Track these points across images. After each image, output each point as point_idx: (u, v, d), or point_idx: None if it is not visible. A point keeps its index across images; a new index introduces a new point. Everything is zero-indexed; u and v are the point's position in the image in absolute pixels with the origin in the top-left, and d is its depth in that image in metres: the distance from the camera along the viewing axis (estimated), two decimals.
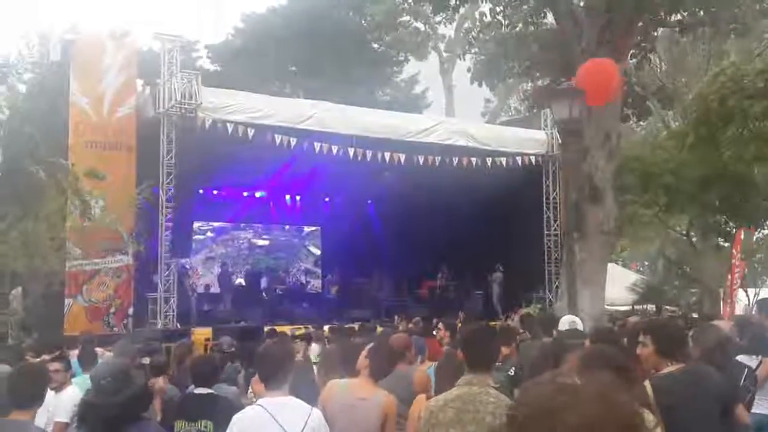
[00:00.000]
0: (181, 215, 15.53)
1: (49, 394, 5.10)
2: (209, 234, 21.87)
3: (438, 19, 19.33)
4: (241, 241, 22.42)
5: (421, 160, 16.91)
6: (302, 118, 15.84)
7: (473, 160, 17.47)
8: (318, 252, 23.81)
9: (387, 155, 16.56)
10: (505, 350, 6.74)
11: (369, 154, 16.41)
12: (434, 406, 4.09)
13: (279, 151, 15.81)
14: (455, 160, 17.27)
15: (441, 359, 5.57)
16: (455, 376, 4.29)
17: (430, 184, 18.11)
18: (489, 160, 17.60)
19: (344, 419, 4.75)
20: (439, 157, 17.06)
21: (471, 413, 3.91)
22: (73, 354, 8.13)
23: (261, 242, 22.57)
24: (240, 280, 21.85)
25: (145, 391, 4.58)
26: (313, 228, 23.40)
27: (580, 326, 7.22)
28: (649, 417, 3.22)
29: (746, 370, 6.32)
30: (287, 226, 22.54)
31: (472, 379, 4.06)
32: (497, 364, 5.66)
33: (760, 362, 6.78)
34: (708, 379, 4.39)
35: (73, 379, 6.56)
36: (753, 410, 6.34)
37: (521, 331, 10.51)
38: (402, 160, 16.73)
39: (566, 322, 7.29)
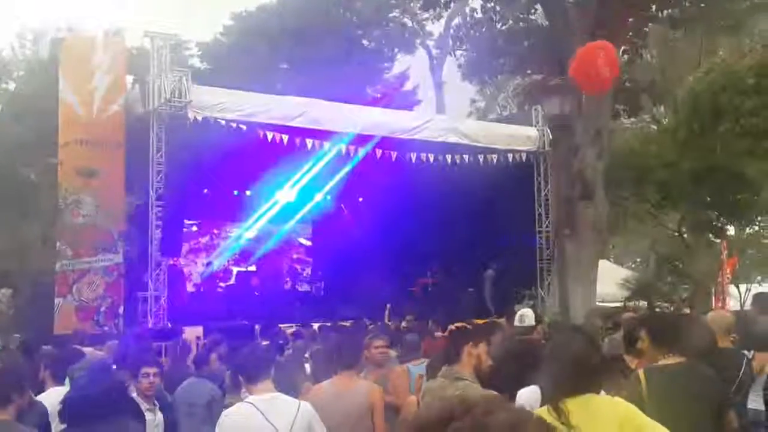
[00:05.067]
0: (171, 213, 15.44)
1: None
2: (194, 229, 21.78)
3: (425, 15, 19.31)
4: (231, 240, 22.33)
5: (413, 157, 16.90)
6: (293, 116, 15.79)
7: (464, 157, 17.45)
8: (308, 248, 23.77)
9: (378, 152, 16.55)
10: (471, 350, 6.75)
11: (360, 151, 16.39)
12: (410, 402, 4.16)
13: (270, 148, 15.76)
14: (449, 158, 17.25)
15: (433, 357, 5.58)
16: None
17: (421, 181, 18.07)
18: (480, 157, 17.58)
19: (331, 414, 4.75)
20: (432, 155, 17.04)
21: None
22: None
23: (251, 240, 22.48)
24: (231, 278, 21.82)
25: (121, 387, 4.57)
26: (305, 225, 23.33)
27: (529, 319, 7.28)
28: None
29: (745, 359, 6.26)
30: (278, 224, 22.45)
31: (444, 372, 4.13)
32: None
33: (752, 357, 6.75)
34: (702, 378, 4.37)
35: None
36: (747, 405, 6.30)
37: None
38: (393, 157, 16.72)
39: (518, 315, 7.40)
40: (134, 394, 5.66)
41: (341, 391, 5.12)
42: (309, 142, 15.78)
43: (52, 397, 5.62)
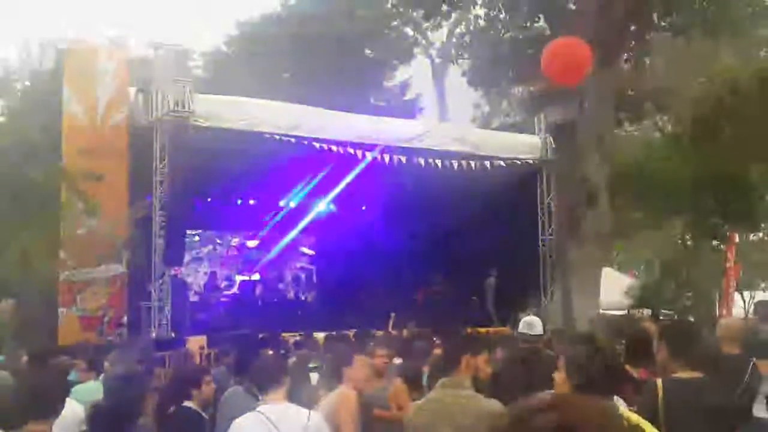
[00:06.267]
0: (174, 223, 15.44)
1: None
2: (196, 239, 21.76)
3: (426, 24, 19.34)
4: (234, 249, 22.34)
5: (416, 165, 16.88)
6: (295, 125, 15.80)
7: (467, 165, 17.43)
8: (311, 257, 23.78)
9: (380, 161, 16.52)
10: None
11: (362, 160, 16.38)
12: (413, 410, 4.15)
13: (272, 157, 15.77)
14: (455, 164, 17.23)
15: (433, 365, 5.58)
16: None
17: (424, 189, 18.08)
18: (483, 165, 17.56)
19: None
20: (439, 161, 17.01)
21: (444, 416, 3.96)
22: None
23: (254, 249, 22.48)
24: (234, 287, 21.82)
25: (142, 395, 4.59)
26: (308, 233, 23.33)
27: (538, 327, 7.26)
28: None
29: (751, 364, 6.22)
30: (281, 233, 22.46)
31: (446, 382, 4.13)
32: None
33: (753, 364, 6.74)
34: (722, 395, 4.33)
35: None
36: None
37: None
38: (396, 165, 16.70)
39: (524, 322, 7.37)
40: (190, 404, 5.55)
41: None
42: (312, 151, 15.77)
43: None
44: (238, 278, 22.22)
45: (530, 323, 7.28)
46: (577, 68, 10.22)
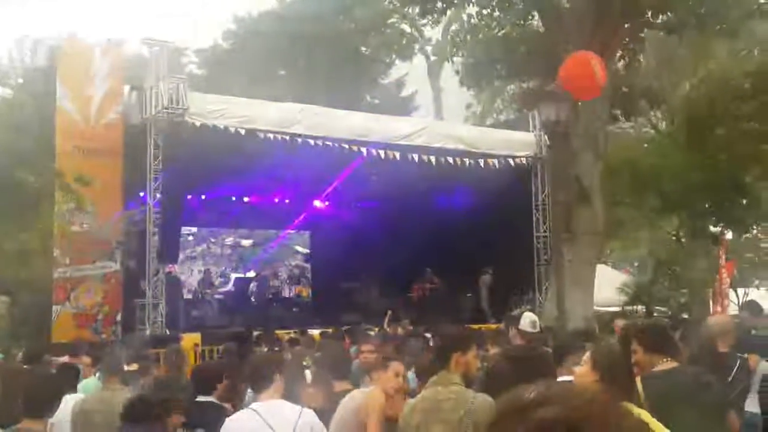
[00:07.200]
0: (168, 221, 15.44)
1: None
2: (190, 238, 21.73)
3: (423, 21, 19.30)
4: (229, 246, 22.34)
5: (410, 163, 16.87)
6: (290, 122, 15.78)
7: (461, 162, 17.43)
8: (306, 255, 23.79)
9: (375, 158, 16.52)
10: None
11: (357, 158, 16.38)
12: (406, 410, 4.17)
13: (267, 155, 15.76)
14: (450, 161, 17.22)
15: (422, 362, 5.60)
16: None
17: (419, 187, 18.09)
18: (477, 162, 17.56)
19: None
20: (434, 158, 17.01)
21: (435, 413, 3.99)
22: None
23: (249, 247, 22.49)
24: (229, 285, 21.82)
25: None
26: (302, 231, 23.36)
27: (538, 324, 7.34)
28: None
29: (738, 361, 6.30)
30: (276, 231, 22.48)
31: (437, 380, 4.16)
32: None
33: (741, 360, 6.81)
34: (699, 381, 4.38)
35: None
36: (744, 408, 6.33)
37: None
38: (390, 163, 16.70)
39: (527, 319, 7.42)
40: (212, 398, 5.64)
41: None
42: (306, 148, 15.76)
43: (69, 404, 5.57)
44: (233, 275, 22.24)
45: (533, 320, 7.33)
46: (594, 86, 10.32)
